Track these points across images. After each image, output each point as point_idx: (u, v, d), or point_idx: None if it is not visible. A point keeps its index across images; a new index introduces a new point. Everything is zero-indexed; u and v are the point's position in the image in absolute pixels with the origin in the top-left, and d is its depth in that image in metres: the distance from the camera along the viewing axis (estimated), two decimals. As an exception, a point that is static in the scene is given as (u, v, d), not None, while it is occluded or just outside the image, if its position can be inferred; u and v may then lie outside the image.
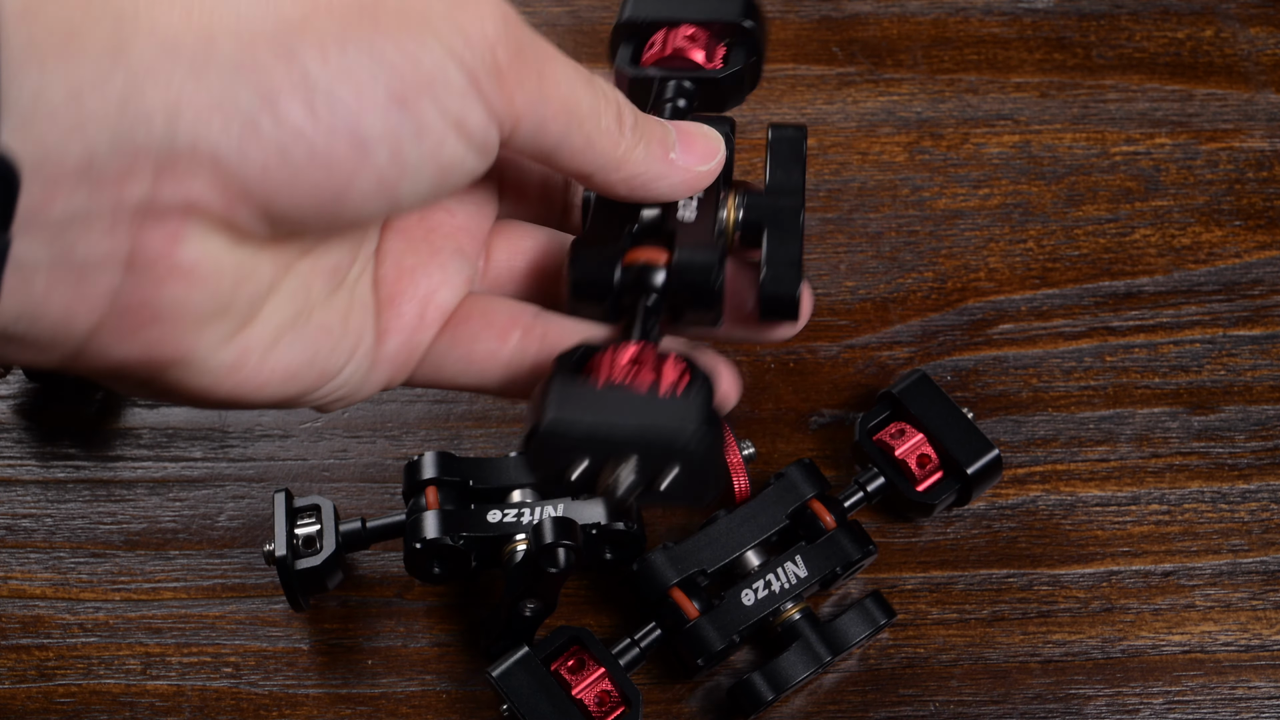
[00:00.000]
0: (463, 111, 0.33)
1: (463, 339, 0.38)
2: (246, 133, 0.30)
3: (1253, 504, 0.55)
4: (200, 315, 0.31)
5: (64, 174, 0.29)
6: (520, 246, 0.41)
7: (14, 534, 0.55)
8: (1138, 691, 0.52)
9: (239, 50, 0.30)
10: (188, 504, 0.55)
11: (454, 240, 0.39)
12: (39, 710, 0.51)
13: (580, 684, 0.48)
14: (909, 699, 0.52)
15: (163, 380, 0.33)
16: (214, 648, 0.53)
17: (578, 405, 0.34)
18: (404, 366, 0.38)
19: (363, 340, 0.37)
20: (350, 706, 0.52)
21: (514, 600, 0.48)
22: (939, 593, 0.54)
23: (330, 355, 0.36)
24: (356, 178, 0.32)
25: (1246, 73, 0.64)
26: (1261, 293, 0.59)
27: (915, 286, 0.60)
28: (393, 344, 0.37)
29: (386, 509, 0.55)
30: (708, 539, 0.51)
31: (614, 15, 0.67)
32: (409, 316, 0.38)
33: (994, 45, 0.65)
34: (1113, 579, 0.54)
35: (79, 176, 0.29)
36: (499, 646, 0.49)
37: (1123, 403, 0.57)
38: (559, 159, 0.36)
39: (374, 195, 0.32)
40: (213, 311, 0.32)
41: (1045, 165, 0.62)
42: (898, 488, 0.53)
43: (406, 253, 0.38)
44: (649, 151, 0.38)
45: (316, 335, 0.35)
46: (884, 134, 0.63)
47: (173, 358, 0.32)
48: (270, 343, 0.34)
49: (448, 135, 0.33)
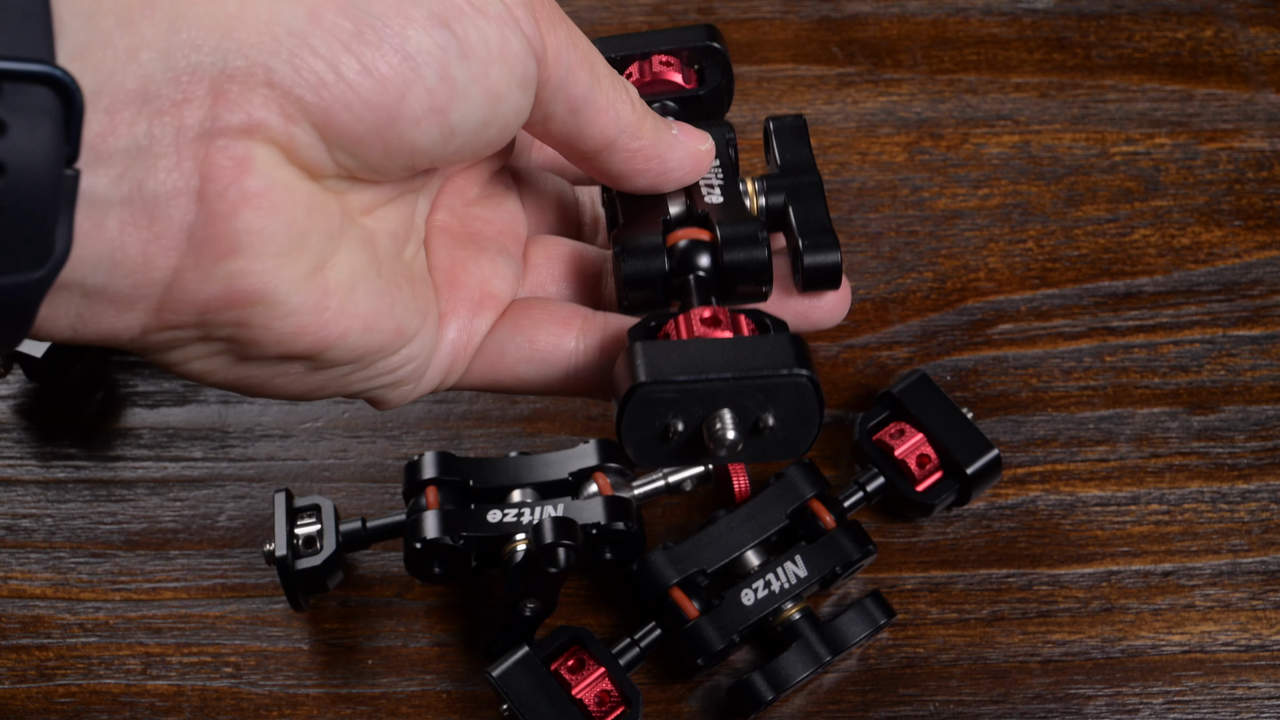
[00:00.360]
0: (503, 38, 0.33)
1: (525, 327, 0.39)
2: (298, 48, 0.30)
3: (1253, 504, 0.55)
4: (278, 246, 0.31)
5: (123, 101, 0.29)
6: (556, 253, 0.41)
7: (14, 534, 0.55)
8: (1137, 691, 0.52)
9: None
10: (188, 504, 0.55)
11: (497, 241, 0.40)
12: (39, 710, 0.51)
13: (580, 684, 0.48)
14: (909, 699, 0.52)
15: (249, 326, 0.32)
16: (214, 648, 0.53)
17: (668, 361, 0.34)
18: (463, 354, 0.38)
19: (429, 312, 0.37)
20: (350, 706, 0.52)
21: (514, 600, 0.48)
22: (939, 593, 0.54)
23: (405, 311, 0.35)
24: (408, 94, 0.32)
25: (1246, 73, 0.64)
26: (1261, 293, 0.59)
27: (915, 286, 0.60)
28: (453, 329, 0.38)
29: (387, 509, 0.55)
30: (708, 539, 0.51)
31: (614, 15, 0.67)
32: (466, 301, 0.38)
33: (994, 45, 0.65)
34: (1113, 579, 0.54)
35: (139, 104, 0.29)
36: (499, 646, 0.49)
37: (1122, 403, 0.57)
38: (585, 117, 0.36)
39: (427, 117, 0.32)
40: (289, 243, 0.31)
41: (1045, 165, 0.62)
42: (897, 488, 0.53)
43: (455, 247, 0.39)
44: (657, 125, 0.38)
45: (390, 288, 0.35)
46: (884, 134, 0.63)
47: (256, 292, 0.31)
48: (349, 285, 0.33)
49: (492, 60, 0.33)
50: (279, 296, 0.32)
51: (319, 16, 0.31)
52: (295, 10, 0.30)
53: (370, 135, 0.32)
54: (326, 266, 0.33)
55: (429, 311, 0.37)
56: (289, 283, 0.32)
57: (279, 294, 0.32)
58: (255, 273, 0.31)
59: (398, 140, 0.33)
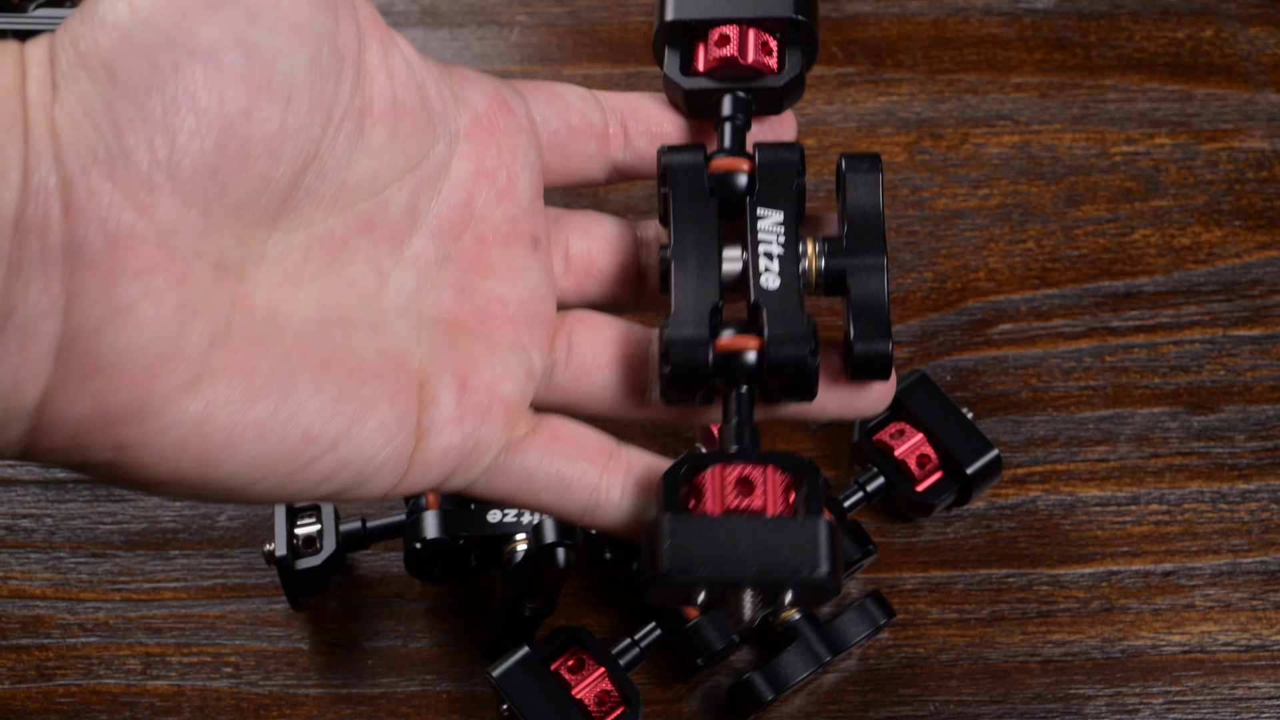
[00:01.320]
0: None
1: (557, 455, 0.37)
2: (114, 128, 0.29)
3: (1253, 504, 0.55)
4: (146, 360, 0.29)
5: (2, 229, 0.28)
6: (603, 336, 0.39)
7: (14, 534, 0.55)
8: (1137, 691, 0.52)
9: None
10: (188, 504, 0.55)
11: (510, 331, 0.37)
12: (39, 710, 0.51)
13: (580, 684, 0.48)
14: (909, 699, 0.52)
15: (128, 447, 0.30)
16: (214, 648, 0.53)
17: (694, 544, 0.34)
18: (468, 461, 0.35)
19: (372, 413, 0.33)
20: (350, 706, 0.52)
21: (514, 600, 0.48)
22: (939, 593, 0.54)
23: (315, 415, 0.32)
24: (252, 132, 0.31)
25: (1246, 73, 0.64)
26: (1261, 293, 0.59)
27: (915, 286, 0.60)
28: (453, 435, 0.35)
29: (386, 509, 0.55)
30: (708, 539, 0.51)
31: (614, 15, 0.67)
32: (475, 407, 0.35)
33: (994, 45, 0.65)
34: (1113, 579, 0.54)
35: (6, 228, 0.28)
36: (499, 646, 0.49)
37: (1122, 403, 0.57)
38: None
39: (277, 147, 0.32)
40: (160, 354, 0.29)
41: (1045, 165, 0.62)
42: (897, 488, 0.53)
43: (465, 341, 0.36)
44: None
45: (293, 388, 0.32)
46: (884, 134, 0.63)
47: (126, 408, 0.29)
48: (245, 396, 0.31)
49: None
50: (152, 410, 0.29)
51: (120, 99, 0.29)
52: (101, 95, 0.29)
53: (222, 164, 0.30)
54: (208, 374, 0.30)
55: (370, 412, 0.33)
56: (162, 397, 0.29)
57: (151, 408, 0.29)
58: (123, 387, 0.29)
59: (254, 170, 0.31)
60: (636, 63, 0.64)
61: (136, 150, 0.29)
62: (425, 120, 0.35)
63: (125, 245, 0.29)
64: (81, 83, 0.29)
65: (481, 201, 0.37)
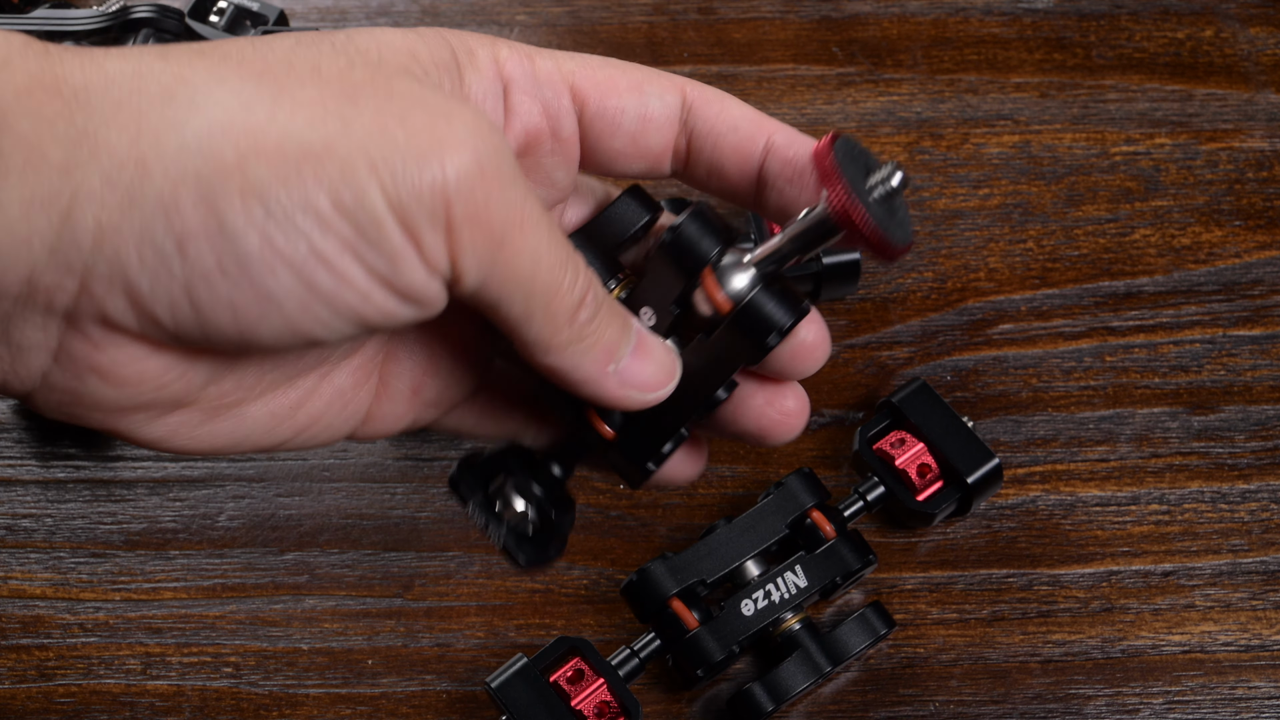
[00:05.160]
0: (393, 270, 0.32)
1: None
2: (159, 269, 0.31)
3: (1253, 504, 0.55)
4: (119, 408, 0.34)
5: (8, 284, 0.31)
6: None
7: (14, 534, 0.55)
8: (1138, 691, 0.52)
9: (167, 188, 0.31)
10: (188, 504, 0.55)
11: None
12: (39, 710, 0.51)
13: (579, 695, 0.48)
14: (909, 699, 0.52)
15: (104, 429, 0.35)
16: (214, 648, 0.53)
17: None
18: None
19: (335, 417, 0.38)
20: (350, 706, 0.52)
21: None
22: (939, 593, 0.54)
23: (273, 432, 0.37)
24: (263, 324, 0.32)
25: (1246, 73, 0.64)
26: (1261, 293, 0.59)
27: (915, 286, 0.60)
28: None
29: (387, 509, 0.55)
30: (707, 549, 0.51)
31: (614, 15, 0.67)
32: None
33: (994, 45, 0.65)
34: (1113, 579, 0.54)
35: (21, 284, 0.31)
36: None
37: (1123, 403, 0.57)
38: (494, 316, 0.35)
39: (286, 336, 0.33)
40: (132, 406, 0.34)
41: (1045, 165, 0.62)
42: (898, 497, 0.53)
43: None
44: (586, 354, 0.36)
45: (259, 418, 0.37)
46: (884, 134, 0.63)
47: (100, 428, 0.35)
48: (200, 422, 0.36)
49: (373, 291, 0.32)
50: (121, 433, 0.35)
51: (184, 246, 0.31)
52: (166, 232, 0.31)
53: (223, 342, 0.33)
54: (178, 410, 0.35)
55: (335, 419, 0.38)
56: (129, 427, 0.35)
57: (120, 432, 0.35)
58: (98, 420, 0.34)
59: (254, 346, 0.33)
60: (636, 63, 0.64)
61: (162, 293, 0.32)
62: None
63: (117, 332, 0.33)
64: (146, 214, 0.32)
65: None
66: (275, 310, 0.32)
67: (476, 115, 0.33)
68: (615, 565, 0.54)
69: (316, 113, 0.31)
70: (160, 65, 0.31)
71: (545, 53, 0.38)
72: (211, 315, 0.32)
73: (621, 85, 0.38)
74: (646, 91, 0.38)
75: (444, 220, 0.32)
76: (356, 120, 0.31)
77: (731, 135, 0.39)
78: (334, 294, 0.32)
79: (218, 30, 0.57)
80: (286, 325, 0.32)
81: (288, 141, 0.31)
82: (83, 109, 0.30)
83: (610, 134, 0.39)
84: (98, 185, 0.31)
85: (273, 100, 0.31)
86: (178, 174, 0.31)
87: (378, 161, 0.31)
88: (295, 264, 0.31)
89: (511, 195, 0.33)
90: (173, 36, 0.56)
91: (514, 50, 0.37)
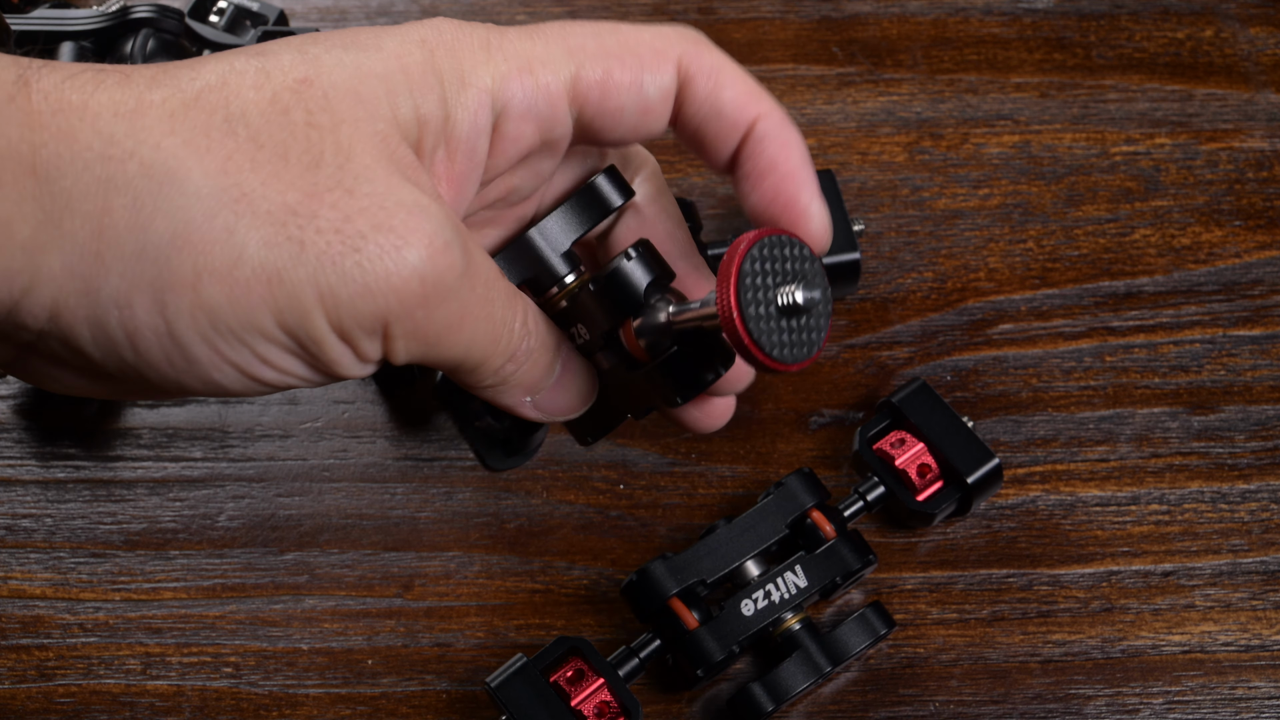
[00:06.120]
0: (330, 366, 0.35)
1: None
2: (110, 350, 0.34)
3: (1253, 504, 0.55)
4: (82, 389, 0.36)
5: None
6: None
7: (14, 534, 0.55)
8: (1138, 691, 0.52)
9: (123, 289, 0.33)
10: (188, 504, 0.55)
11: None
12: (39, 710, 0.51)
13: (579, 695, 0.48)
14: (909, 699, 0.52)
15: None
16: (214, 648, 0.53)
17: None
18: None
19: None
20: (350, 706, 0.52)
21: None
22: (939, 593, 0.54)
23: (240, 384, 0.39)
24: (208, 393, 0.36)
25: (1246, 73, 0.64)
26: (1261, 293, 0.59)
27: (915, 286, 0.60)
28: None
29: (387, 509, 0.55)
30: (707, 549, 0.51)
31: (613, 15, 0.67)
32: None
33: (994, 45, 0.65)
34: (1113, 579, 0.54)
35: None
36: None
37: (1123, 403, 0.57)
38: (427, 365, 0.38)
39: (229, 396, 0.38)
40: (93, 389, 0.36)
41: (1045, 165, 0.62)
42: (898, 497, 0.53)
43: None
44: (506, 393, 0.40)
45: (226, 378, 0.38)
46: (884, 134, 0.63)
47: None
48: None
49: (312, 376, 0.36)
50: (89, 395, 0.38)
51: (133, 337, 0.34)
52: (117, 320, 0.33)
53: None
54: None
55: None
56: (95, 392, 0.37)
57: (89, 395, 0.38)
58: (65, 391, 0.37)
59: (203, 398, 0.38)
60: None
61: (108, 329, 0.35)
62: None
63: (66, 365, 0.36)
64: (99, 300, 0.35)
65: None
66: (218, 388, 0.35)
67: (434, 229, 0.34)
68: (615, 565, 0.54)
69: (275, 231, 0.33)
70: (131, 142, 0.33)
71: (544, 60, 0.38)
72: (159, 384, 0.35)
73: (622, 81, 0.38)
74: (644, 81, 0.38)
75: (381, 335, 0.35)
76: (312, 244, 0.33)
77: (715, 120, 0.39)
78: (275, 380, 0.35)
79: (217, 30, 0.57)
80: (228, 394, 0.36)
81: (242, 263, 0.33)
82: (50, 192, 0.32)
83: (611, 129, 0.39)
84: (58, 270, 0.32)
85: (233, 208, 0.33)
86: (134, 278, 0.33)
87: (325, 291, 0.34)
88: (239, 365, 0.35)
89: (451, 307, 0.35)
90: (172, 37, 0.56)
91: (511, 63, 0.37)
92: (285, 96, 0.34)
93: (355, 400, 0.57)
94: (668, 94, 0.39)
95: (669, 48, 0.39)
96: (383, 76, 0.35)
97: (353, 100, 0.35)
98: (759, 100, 0.39)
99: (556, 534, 0.55)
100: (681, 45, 0.39)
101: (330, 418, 0.57)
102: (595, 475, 0.56)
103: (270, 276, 0.33)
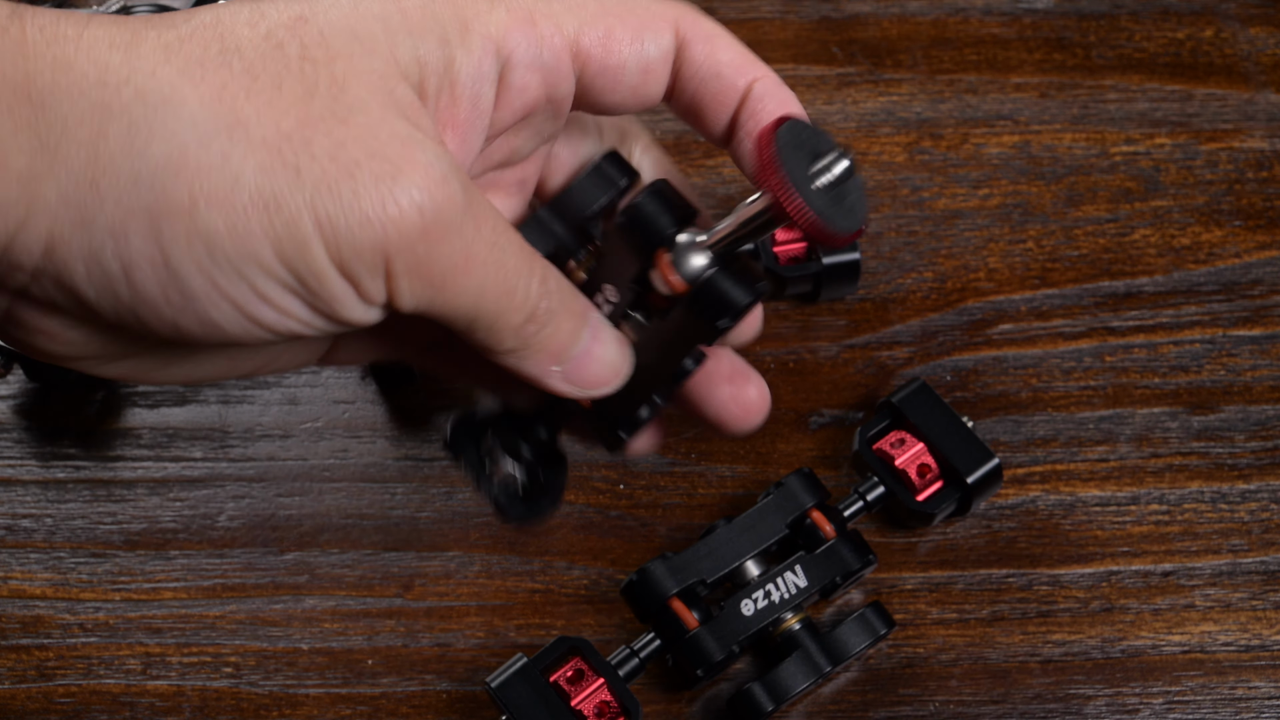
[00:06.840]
0: (331, 307, 0.34)
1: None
2: (105, 286, 0.33)
3: (1253, 504, 0.55)
4: (73, 356, 0.36)
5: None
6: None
7: (14, 534, 0.55)
8: (1138, 691, 0.52)
9: (118, 216, 0.32)
10: (188, 504, 0.55)
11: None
12: (39, 710, 0.51)
13: (579, 695, 0.48)
14: (909, 699, 0.52)
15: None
16: (214, 648, 0.53)
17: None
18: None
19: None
20: (350, 706, 0.52)
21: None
22: (939, 592, 0.54)
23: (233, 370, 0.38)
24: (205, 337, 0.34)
25: (1246, 73, 0.64)
26: (1261, 293, 0.59)
27: (915, 286, 0.60)
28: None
29: (387, 509, 0.55)
30: (707, 549, 0.51)
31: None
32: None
33: (994, 45, 0.65)
34: (1112, 579, 0.54)
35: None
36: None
37: (1122, 403, 0.57)
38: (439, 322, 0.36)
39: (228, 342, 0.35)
40: (84, 356, 0.36)
41: (1045, 165, 0.62)
42: (898, 497, 0.53)
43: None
44: (530, 359, 0.38)
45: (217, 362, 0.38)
46: (884, 134, 0.63)
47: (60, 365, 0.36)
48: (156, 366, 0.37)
49: (313, 319, 0.35)
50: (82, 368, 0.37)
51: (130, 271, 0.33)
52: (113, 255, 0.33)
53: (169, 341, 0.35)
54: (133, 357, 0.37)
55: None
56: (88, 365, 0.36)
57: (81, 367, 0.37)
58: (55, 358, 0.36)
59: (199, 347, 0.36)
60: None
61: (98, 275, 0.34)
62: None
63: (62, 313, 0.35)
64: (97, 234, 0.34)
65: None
66: (217, 330, 0.34)
67: (430, 160, 0.33)
68: (615, 565, 0.54)
69: (271, 157, 0.32)
70: (126, 70, 0.32)
71: (547, 14, 0.37)
72: (155, 327, 0.34)
73: (623, 39, 0.38)
74: (645, 39, 0.38)
75: (383, 271, 0.34)
76: (308, 170, 0.32)
77: (714, 82, 0.39)
78: (275, 323, 0.34)
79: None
80: (228, 339, 0.34)
81: (238, 189, 0.32)
82: (46, 119, 0.31)
83: (611, 89, 0.39)
84: (54, 200, 0.32)
85: (229, 134, 0.32)
86: (129, 205, 0.32)
87: (323, 219, 0.33)
88: (238, 301, 0.33)
89: (455, 245, 0.34)
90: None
91: (515, 14, 0.37)
92: (280, 32, 0.34)
93: (355, 400, 0.57)
94: (667, 54, 0.39)
95: (666, 11, 0.39)
96: (380, 17, 0.35)
97: (348, 37, 0.34)
98: (755, 64, 0.39)
99: (556, 534, 0.55)
100: (678, 10, 0.39)
101: (330, 418, 0.57)
102: (595, 475, 0.56)
103: (267, 202, 0.32)
